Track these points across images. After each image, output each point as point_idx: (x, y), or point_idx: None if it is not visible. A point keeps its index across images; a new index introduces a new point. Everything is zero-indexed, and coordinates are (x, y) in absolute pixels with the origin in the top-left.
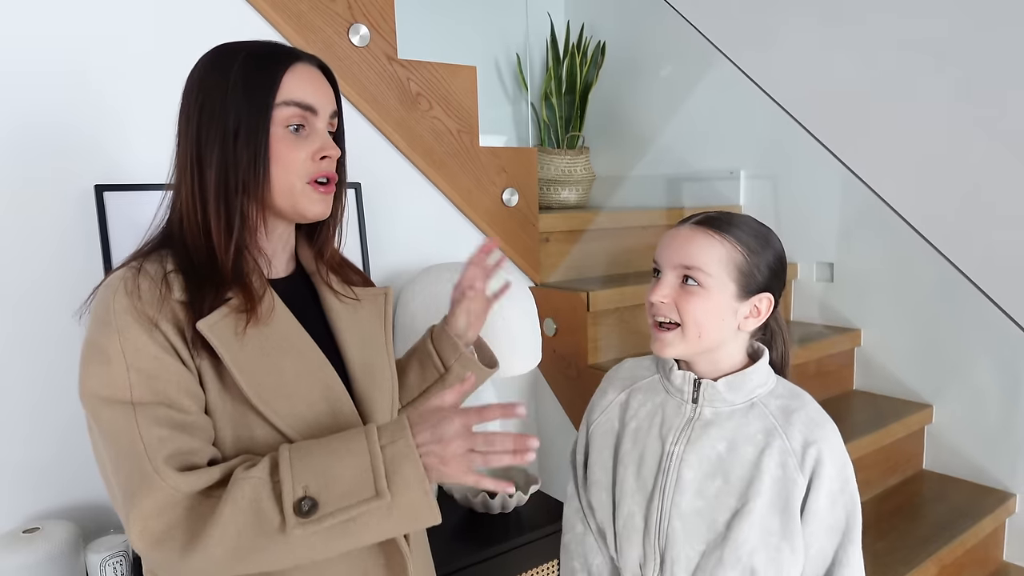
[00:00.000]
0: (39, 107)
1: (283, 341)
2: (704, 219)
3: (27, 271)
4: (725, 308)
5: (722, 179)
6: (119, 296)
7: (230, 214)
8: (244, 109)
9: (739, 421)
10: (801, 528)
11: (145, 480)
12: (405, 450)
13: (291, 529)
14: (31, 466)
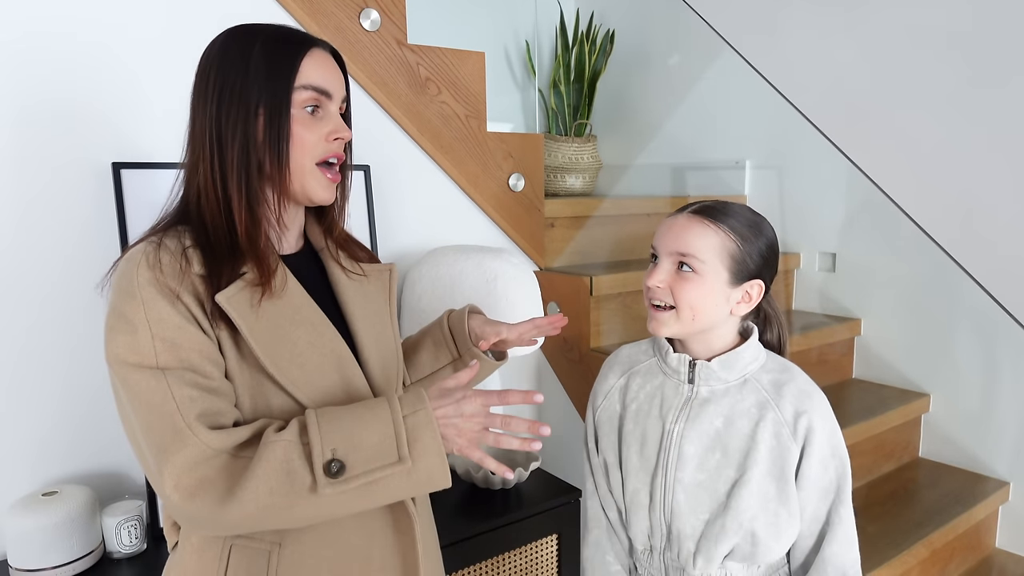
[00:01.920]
0: (58, 86)
1: (296, 313)
2: (700, 208)
3: (48, 245)
4: (718, 293)
5: (727, 168)
6: (142, 269)
7: (250, 192)
8: (266, 90)
9: (734, 397)
10: (796, 493)
11: (178, 436)
12: (425, 420)
13: (322, 489)
14: (51, 433)
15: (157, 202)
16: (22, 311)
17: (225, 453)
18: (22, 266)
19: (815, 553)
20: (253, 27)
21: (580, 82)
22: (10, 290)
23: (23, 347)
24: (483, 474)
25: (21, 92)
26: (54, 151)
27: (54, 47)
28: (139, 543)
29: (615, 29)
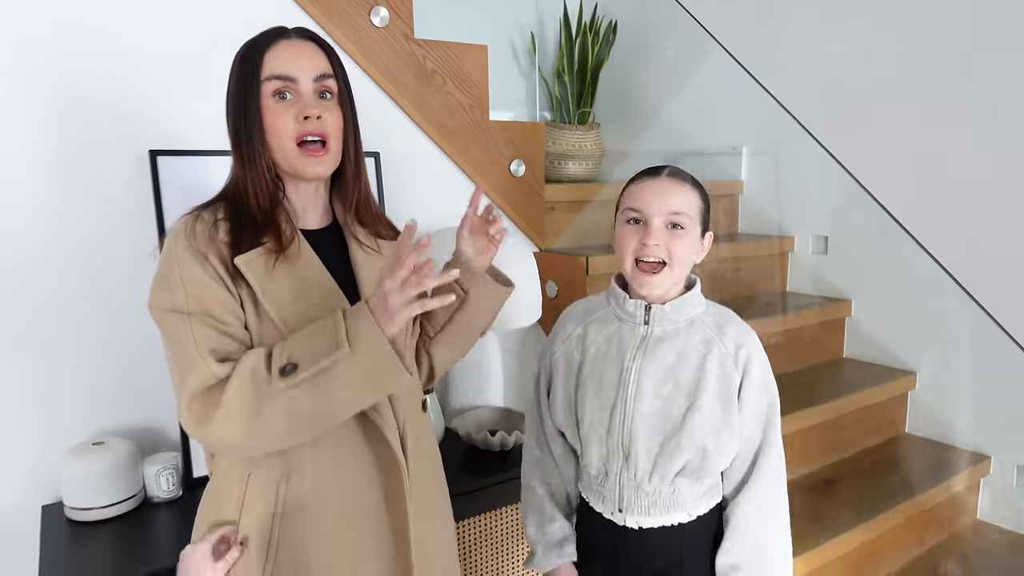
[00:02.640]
0: (102, 79)
1: (307, 280)
2: (673, 171)
3: (95, 224)
4: (696, 245)
5: (725, 155)
6: (180, 237)
7: (259, 176)
8: (240, 90)
9: (684, 336)
10: (737, 414)
11: (192, 364)
12: (359, 311)
13: (275, 384)
14: (99, 391)
15: (190, 185)
16: (72, 284)
17: (223, 381)
18: (71, 243)
19: (751, 469)
20: (251, 38)
21: (583, 72)
22: (62, 266)
23: (74, 317)
24: (483, 436)
25: (70, 84)
26: (98, 139)
27: (100, 45)
28: (175, 490)
29: (618, 20)
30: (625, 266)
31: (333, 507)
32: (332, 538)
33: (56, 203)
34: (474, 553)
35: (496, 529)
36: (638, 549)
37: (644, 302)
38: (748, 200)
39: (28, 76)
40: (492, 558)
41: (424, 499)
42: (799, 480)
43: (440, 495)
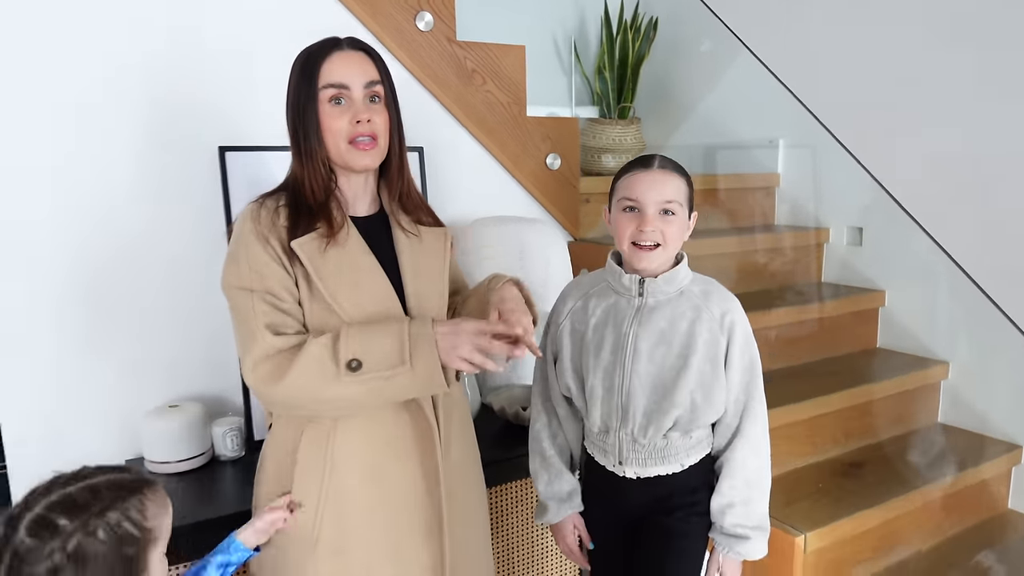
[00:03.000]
0: (177, 83)
1: (354, 261)
2: (663, 162)
3: (173, 212)
4: (684, 226)
5: (762, 148)
6: (247, 221)
7: (315, 170)
8: (300, 96)
9: (674, 305)
10: (724, 372)
11: (252, 336)
12: (426, 336)
13: (343, 378)
14: (175, 362)
15: (254, 178)
16: (153, 267)
17: (280, 352)
18: (153, 227)
19: (741, 419)
20: (307, 47)
21: (624, 68)
22: (144, 249)
23: (156, 297)
24: (515, 411)
25: (152, 91)
26: (176, 138)
27: (175, 53)
28: (239, 449)
29: (659, 16)
30: (623, 248)
31: (372, 460)
32: (371, 488)
33: (145, 197)
34: (506, 517)
35: (527, 496)
36: (636, 495)
37: (638, 276)
38: (785, 192)
39: (118, 85)
40: (522, 522)
41: (455, 457)
42: (825, 462)
43: (470, 454)
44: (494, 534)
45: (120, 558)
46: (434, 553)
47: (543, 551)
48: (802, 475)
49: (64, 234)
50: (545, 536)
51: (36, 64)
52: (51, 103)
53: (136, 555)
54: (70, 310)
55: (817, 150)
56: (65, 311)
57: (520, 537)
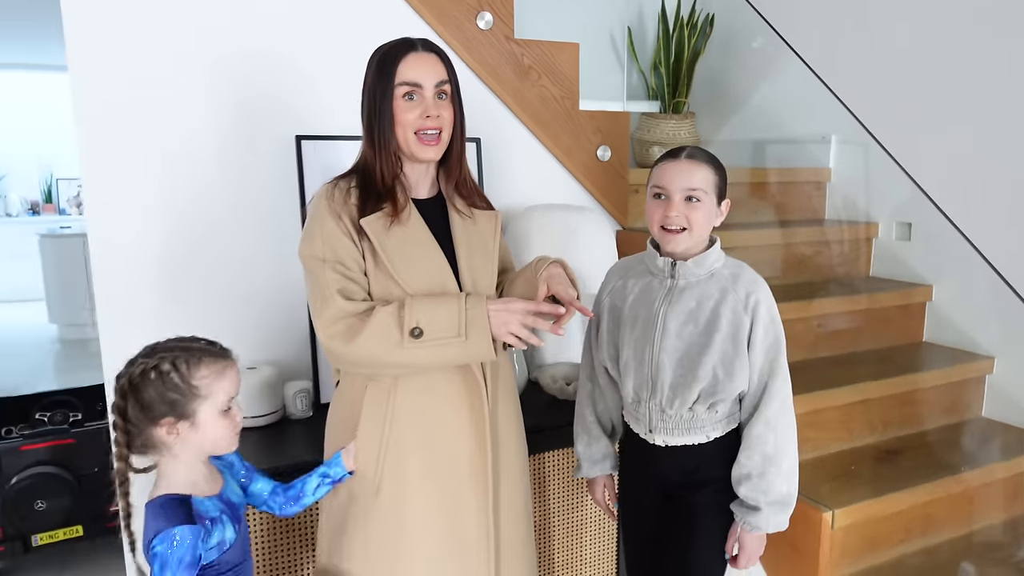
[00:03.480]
0: (256, 74)
1: (414, 238)
2: (690, 153)
3: (254, 195)
4: (712, 213)
5: (814, 143)
6: (322, 200)
7: (385, 156)
8: (377, 90)
9: (703, 286)
10: (747, 351)
11: (325, 301)
12: (480, 311)
13: (406, 343)
14: (253, 330)
15: (327, 165)
16: (236, 244)
17: (352, 316)
18: (237, 208)
19: (763, 395)
20: (384, 45)
21: (679, 63)
22: (229, 229)
23: (238, 270)
24: (559, 386)
25: (238, 84)
26: (259, 127)
27: (258, 50)
28: (307, 410)
29: (715, 12)
30: (653, 231)
31: (428, 415)
32: (426, 440)
33: (231, 179)
34: (546, 483)
35: (566, 464)
36: (664, 461)
37: (671, 259)
38: (835, 187)
39: (210, 80)
40: (561, 489)
41: (501, 416)
42: (860, 448)
43: (514, 415)
44: (534, 500)
45: (164, 399)
46: (481, 501)
47: (580, 519)
48: (836, 459)
49: (163, 215)
50: (581, 505)
51: (147, 70)
52: (158, 103)
53: (180, 402)
54: (165, 281)
55: (868, 146)
56: (161, 282)
57: (558, 504)
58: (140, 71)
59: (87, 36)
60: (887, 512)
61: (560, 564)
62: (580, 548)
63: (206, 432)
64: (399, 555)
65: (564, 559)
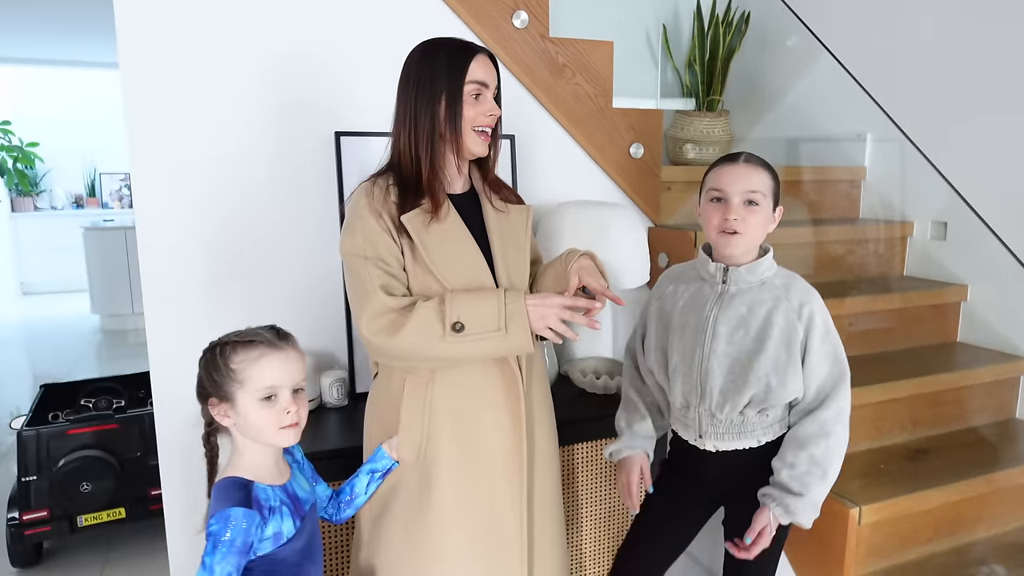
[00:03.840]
0: (297, 74)
1: (452, 233)
2: (749, 157)
3: (295, 190)
4: (767, 218)
5: (849, 141)
6: (362, 197)
7: (433, 151)
8: (447, 85)
9: (755, 293)
10: (801, 358)
11: (367, 296)
12: (519, 308)
13: (448, 337)
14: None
15: (364, 160)
16: (278, 240)
17: (393, 311)
18: (279, 201)
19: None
20: (439, 40)
21: (714, 61)
22: (271, 224)
23: (277, 263)
24: (589, 379)
25: (281, 84)
26: (299, 124)
27: (301, 53)
28: (343, 399)
29: (751, 10)
30: (710, 235)
31: (466, 406)
32: (464, 431)
33: (273, 174)
34: (575, 475)
35: (595, 457)
36: (715, 467)
37: (723, 265)
38: (871, 186)
39: (254, 79)
40: (589, 481)
41: (534, 405)
42: (890, 447)
43: (545, 404)
44: (563, 491)
45: (210, 380)
46: (516, 491)
47: (608, 510)
48: (865, 457)
49: (206, 211)
50: (610, 497)
51: (195, 71)
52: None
53: (220, 383)
54: (207, 275)
55: (904, 144)
56: (203, 276)
57: (587, 495)
58: (189, 72)
59: (139, 38)
60: (916, 510)
61: (588, 555)
62: (608, 540)
63: (247, 418)
64: (435, 544)
65: (592, 550)
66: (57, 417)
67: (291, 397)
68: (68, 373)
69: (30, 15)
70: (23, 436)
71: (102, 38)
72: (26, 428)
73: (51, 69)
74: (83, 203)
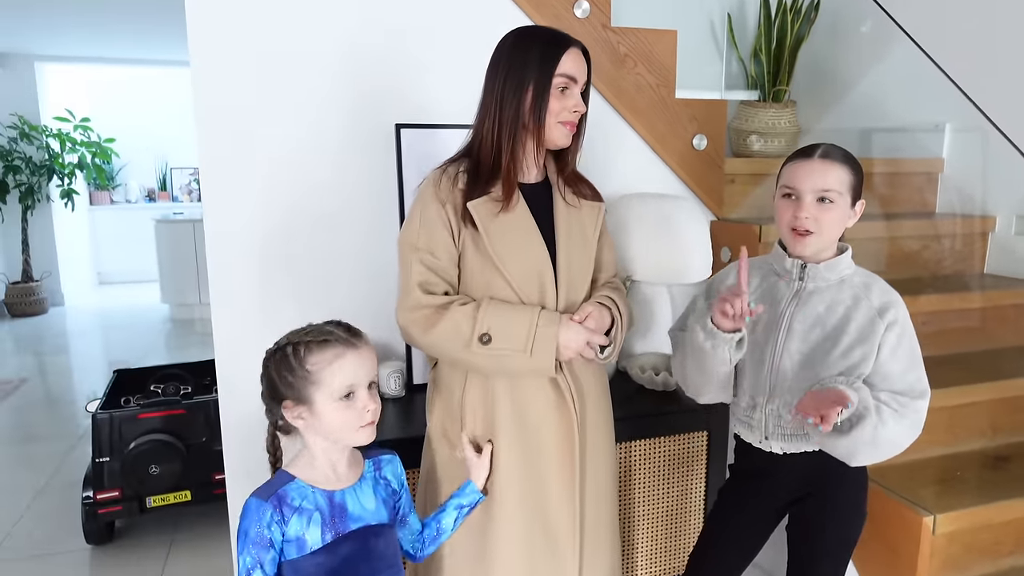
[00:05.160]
0: (360, 68)
1: (518, 225)
2: (825, 152)
3: (357, 181)
4: (844, 215)
5: (926, 131)
6: (429, 186)
7: (515, 139)
8: (536, 75)
9: (833, 292)
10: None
11: (407, 290)
12: (551, 332)
13: (473, 346)
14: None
15: (424, 152)
16: (340, 233)
17: (428, 307)
18: (341, 195)
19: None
20: (533, 30)
21: (780, 50)
22: (332, 217)
23: (342, 255)
24: (648, 376)
25: (346, 78)
26: (362, 118)
27: (364, 47)
28: (400, 390)
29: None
30: (782, 232)
31: (520, 400)
32: (519, 425)
33: (335, 169)
34: (632, 473)
35: (652, 454)
36: (782, 471)
37: (800, 261)
38: (949, 178)
39: (318, 75)
40: (646, 479)
41: (590, 403)
42: (966, 454)
43: (603, 404)
44: (619, 489)
45: (284, 381)
46: (568, 487)
47: (664, 509)
48: (939, 463)
49: (271, 205)
50: (666, 496)
51: (260, 69)
52: (270, 99)
53: (295, 385)
54: (272, 264)
55: (987, 134)
56: (269, 265)
57: (643, 493)
58: (255, 68)
59: (209, 37)
60: (995, 520)
61: (642, 553)
62: (663, 538)
63: (325, 419)
64: (490, 536)
65: (646, 548)
66: (129, 402)
67: (368, 394)
68: (140, 359)
69: (107, 16)
70: (97, 419)
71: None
72: (100, 411)
73: (127, 68)
74: (155, 196)
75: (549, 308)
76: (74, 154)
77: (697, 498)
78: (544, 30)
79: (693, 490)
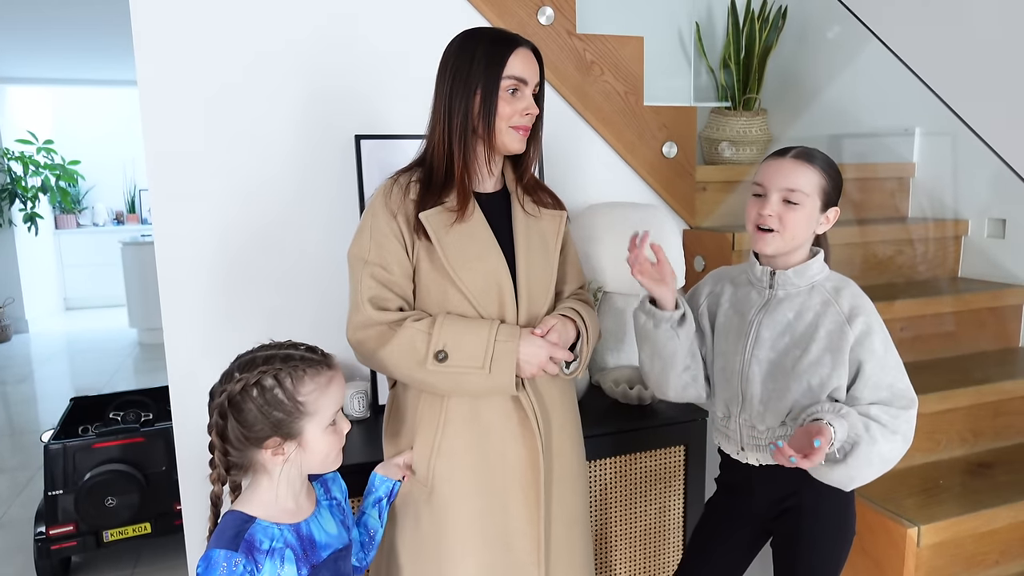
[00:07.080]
0: (316, 77)
1: (474, 236)
2: (799, 153)
3: (314, 193)
4: (811, 218)
5: (895, 136)
6: (379, 196)
7: (466, 146)
8: (483, 78)
9: (804, 298)
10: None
11: (356, 306)
12: (509, 348)
13: (428, 365)
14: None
15: (385, 163)
16: (301, 248)
17: (381, 324)
18: (294, 206)
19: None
20: (480, 31)
21: (749, 58)
22: (288, 222)
23: (294, 271)
24: (622, 390)
25: (300, 89)
26: (319, 130)
27: (321, 48)
28: (365, 411)
29: (787, 5)
30: (749, 230)
31: (480, 419)
32: (476, 447)
33: (292, 183)
34: (606, 491)
35: (627, 471)
36: (760, 484)
37: (770, 268)
38: (920, 183)
39: (271, 86)
40: (621, 497)
41: (556, 420)
42: (948, 461)
43: (570, 420)
44: (592, 507)
45: (269, 418)
46: (532, 508)
47: (640, 528)
48: (921, 471)
49: (221, 209)
50: (643, 514)
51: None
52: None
53: (286, 421)
54: (228, 283)
55: (957, 138)
56: (223, 284)
57: (618, 512)
58: (204, 82)
59: (155, 55)
60: (981, 530)
61: (620, 573)
62: (641, 558)
63: (313, 451)
64: (446, 558)
65: (624, 568)
66: (87, 430)
67: (342, 415)
68: (107, 385)
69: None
70: (50, 449)
71: None
72: (52, 441)
73: (91, 89)
74: (123, 219)
75: (509, 322)
76: (37, 177)
77: (676, 515)
78: (491, 30)
79: (671, 507)
